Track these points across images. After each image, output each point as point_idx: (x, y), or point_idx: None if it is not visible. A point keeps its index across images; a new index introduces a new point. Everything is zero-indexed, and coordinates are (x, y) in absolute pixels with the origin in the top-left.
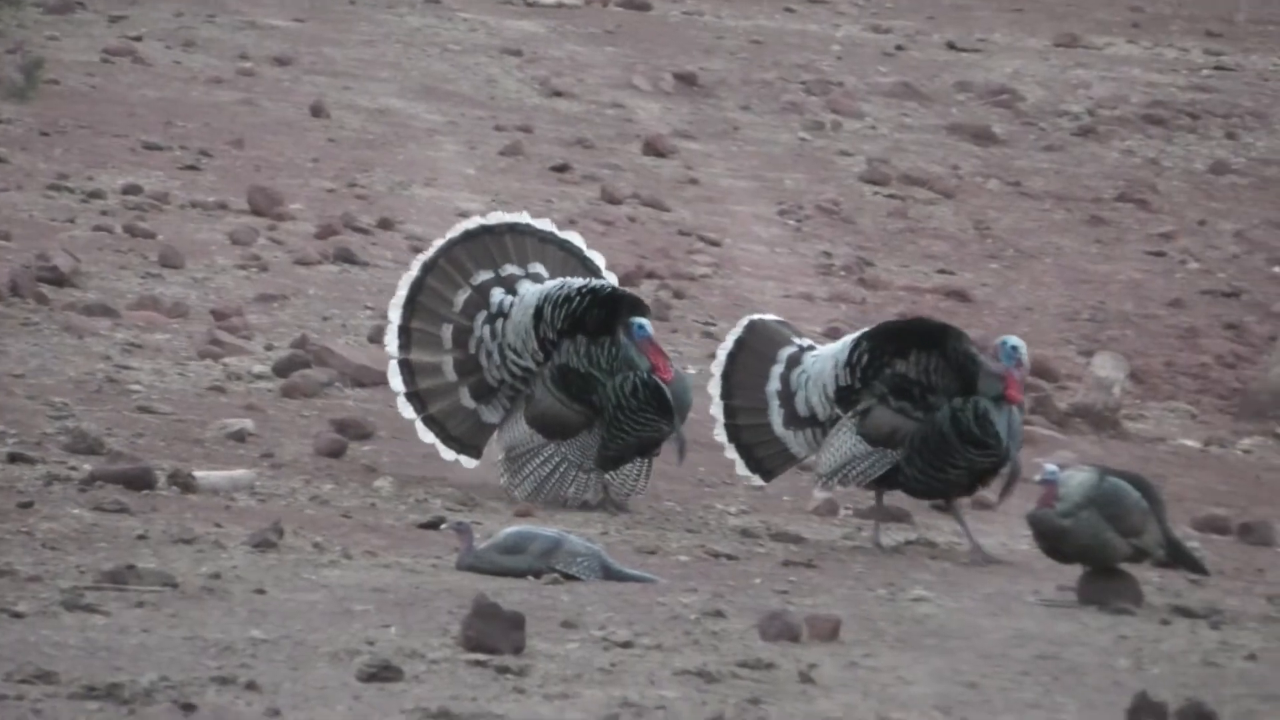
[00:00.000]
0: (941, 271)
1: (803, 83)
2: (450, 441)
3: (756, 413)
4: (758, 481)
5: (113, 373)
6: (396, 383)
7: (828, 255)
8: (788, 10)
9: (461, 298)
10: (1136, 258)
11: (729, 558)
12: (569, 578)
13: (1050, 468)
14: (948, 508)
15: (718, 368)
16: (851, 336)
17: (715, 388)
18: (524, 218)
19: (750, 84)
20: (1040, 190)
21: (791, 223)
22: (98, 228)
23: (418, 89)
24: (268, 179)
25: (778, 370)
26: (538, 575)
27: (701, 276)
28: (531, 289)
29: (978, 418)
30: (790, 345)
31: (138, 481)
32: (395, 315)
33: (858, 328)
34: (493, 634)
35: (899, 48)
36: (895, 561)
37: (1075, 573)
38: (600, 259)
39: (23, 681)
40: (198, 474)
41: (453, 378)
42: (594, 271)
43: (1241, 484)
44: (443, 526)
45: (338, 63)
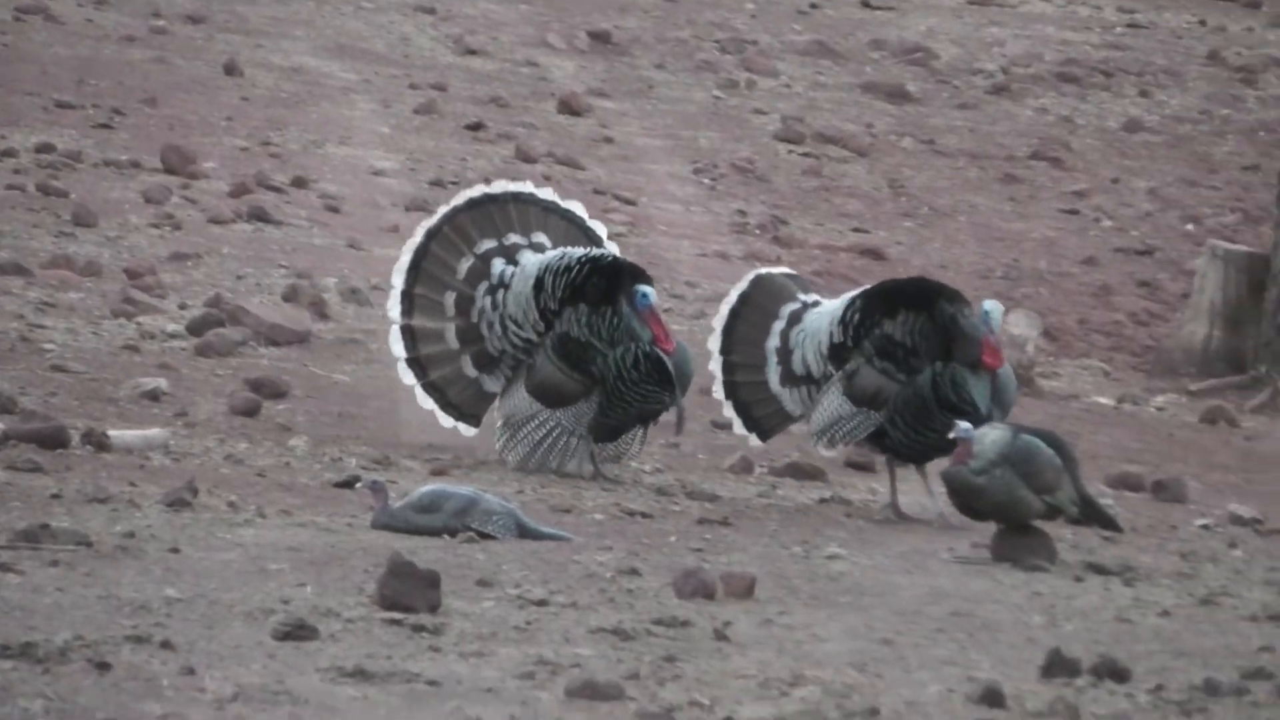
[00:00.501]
0: (856, 230)
1: (717, 41)
2: (449, 408)
3: (754, 369)
4: (755, 442)
5: (26, 331)
6: (398, 348)
7: (742, 214)
8: None
9: (465, 265)
10: (1050, 215)
11: (644, 516)
12: (484, 536)
13: (964, 425)
14: (920, 471)
15: (719, 322)
16: (851, 293)
17: (715, 343)
18: (528, 187)
19: (665, 42)
20: (954, 148)
21: (706, 181)
22: (10, 186)
23: (331, 47)
24: (181, 137)
25: (779, 327)
26: (453, 534)
27: (616, 235)
28: (532, 259)
29: (953, 383)
30: (794, 302)
31: (51, 440)
32: (398, 280)
33: None
34: (408, 592)
35: (813, 5)
36: (810, 519)
37: (989, 530)
38: (602, 229)
39: None
40: (112, 433)
41: (455, 345)
42: (596, 241)
43: (1154, 441)
44: (358, 485)
45: (251, 21)
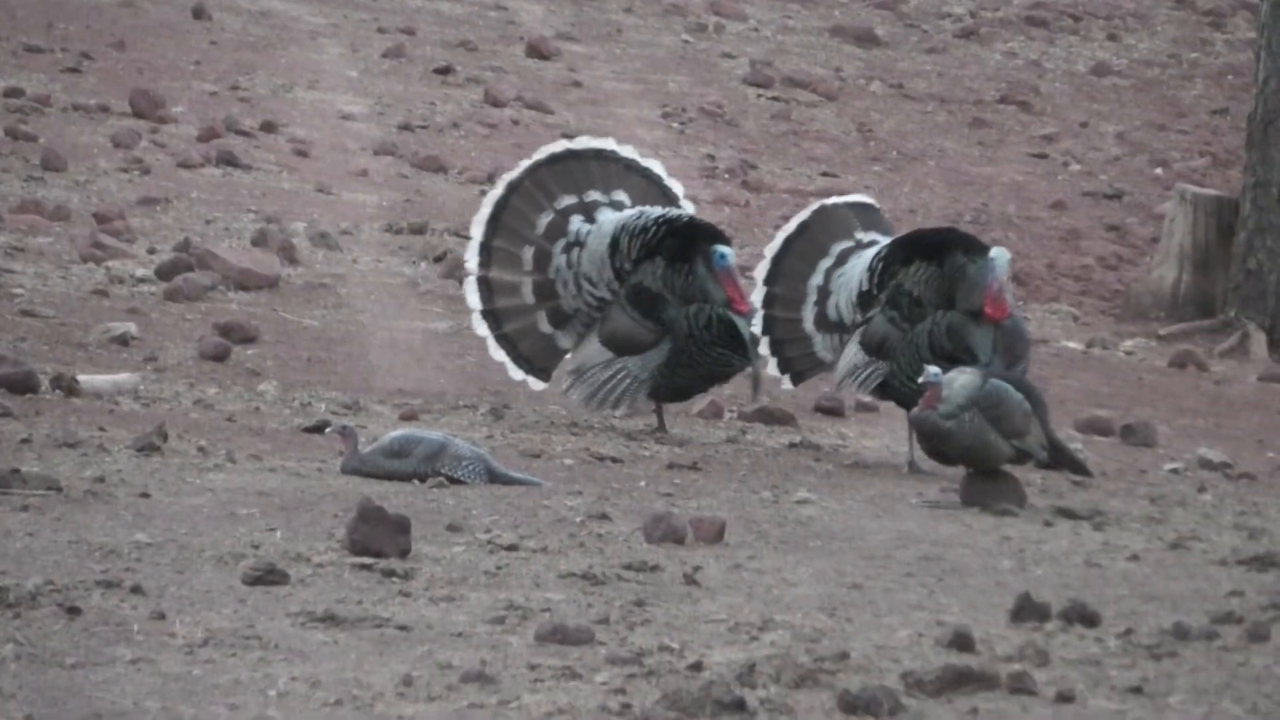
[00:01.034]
0: (825, 174)
1: None
2: (520, 361)
3: (794, 305)
4: (787, 385)
5: None
6: (474, 299)
7: (711, 158)
8: None
9: (545, 220)
10: (1019, 160)
11: (614, 461)
12: (454, 481)
13: (933, 370)
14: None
15: (770, 250)
16: (886, 240)
17: (761, 271)
18: (609, 144)
19: None
20: (923, 92)
21: (675, 126)
22: None
23: None
24: (149, 82)
25: (825, 265)
26: (423, 479)
27: None
28: (609, 218)
29: (949, 332)
30: (848, 239)
31: (21, 385)
32: (477, 232)
33: (741, 230)
34: (378, 537)
35: None
36: (779, 464)
37: (958, 474)
38: (679, 187)
39: None
40: (81, 378)
41: (531, 300)
42: (673, 200)
43: (1123, 385)
44: (327, 430)
45: None
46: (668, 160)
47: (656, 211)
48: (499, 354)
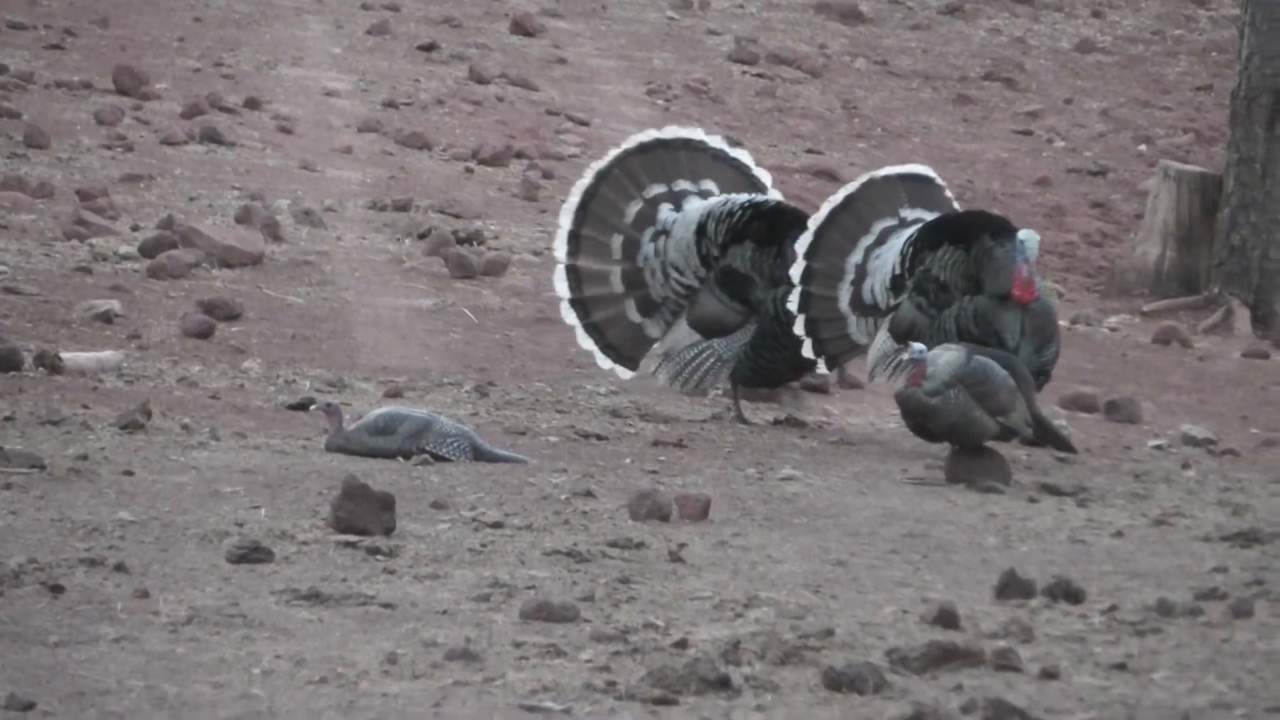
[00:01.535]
0: (810, 151)
1: None
2: (608, 350)
3: (831, 282)
4: (822, 369)
5: None
6: (562, 288)
7: None
8: None
9: (634, 209)
10: (1003, 136)
11: (599, 438)
12: (439, 459)
13: (918, 346)
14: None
15: (814, 223)
16: (920, 224)
17: (802, 245)
18: (698, 133)
19: None
20: (907, 69)
21: (660, 102)
22: None
23: None
24: (133, 58)
25: (866, 243)
26: (407, 456)
27: (570, 157)
28: (694, 205)
29: (976, 317)
30: (892, 217)
31: (4, 362)
32: (566, 220)
33: None
34: (363, 515)
35: None
36: (764, 441)
37: (943, 451)
38: (767, 176)
39: None
40: (65, 355)
41: (619, 289)
42: (760, 190)
43: (1108, 362)
44: (312, 407)
45: None
46: None
47: (743, 197)
48: (587, 343)
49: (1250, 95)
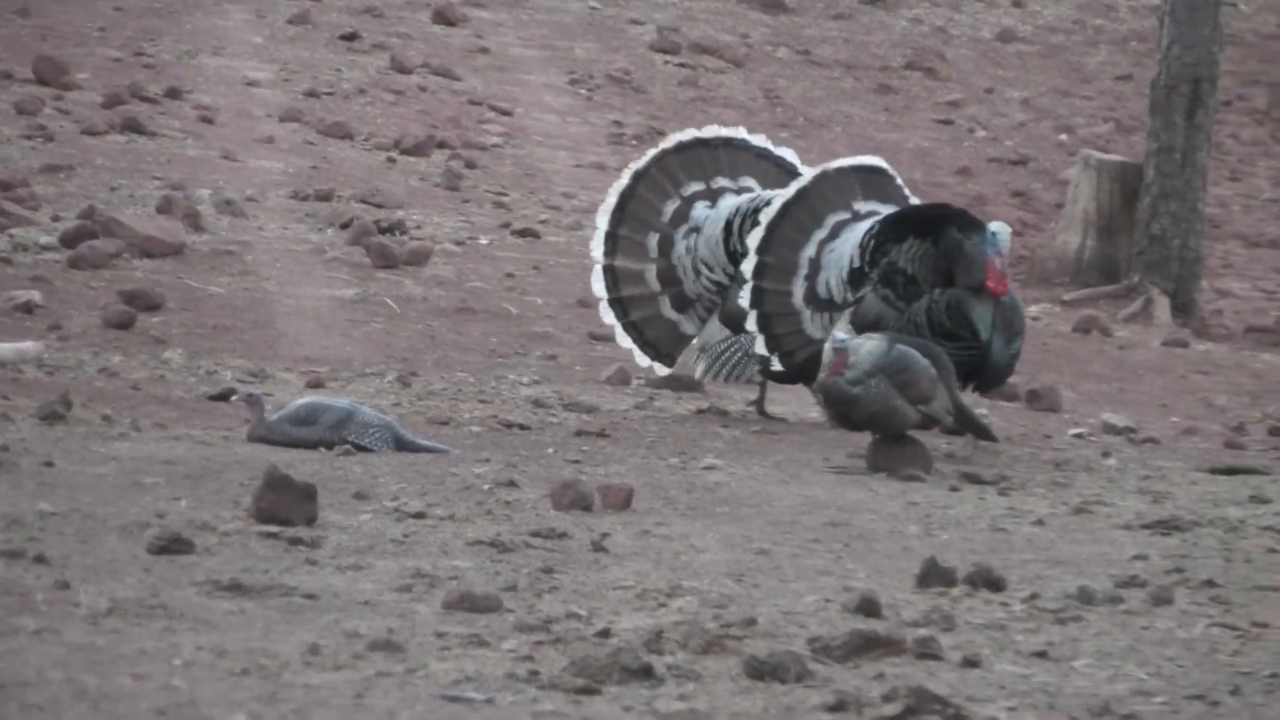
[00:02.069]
0: None
1: None
2: (646, 347)
3: (785, 277)
4: (776, 365)
5: None
6: (599, 288)
7: (619, 125)
8: None
9: (671, 208)
10: (925, 126)
11: (521, 428)
12: (361, 449)
13: (840, 335)
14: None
15: (766, 216)
16: (878, 216)
17: (754, 239)
18: (740, 133)
19: None
20: (829, 59)
21: (583, 92)
22: None
23: None
24: (54, 48)
25: (819, 236)
26: (330, 447)
27: (493, 146)
28: (725, 202)
29: (949, 309)
30: (844, 211)
31: None
32: (603, 221)
33: None
34: (284, 506)
35: None
36: (687, 431)
37: (865, 440)
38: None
39: None
40: None
41: (655, 287)
42: None
43: (1029, 351)
44: (233, 398)
45: None
46: (575, 127)
47: (770, 193)
48: (625, 341)
49: (1170, 84)
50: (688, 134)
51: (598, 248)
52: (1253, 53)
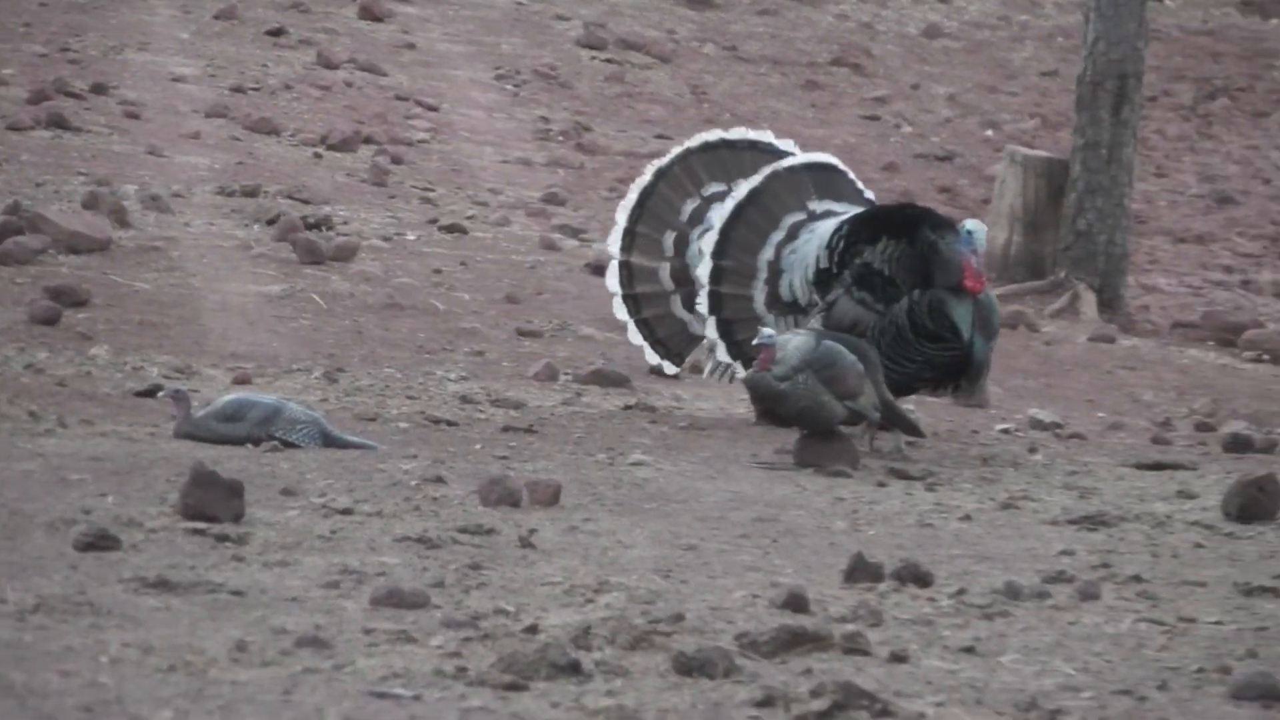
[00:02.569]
0: (659, 136)
1: None
2: (657, 345)
3: (744, 280)
4: (741, 372)
5: None
6: (613, 283)
7: (545, 120)
8: None
9: (690, 206)
10: (851, 122)
11: (449, 424)
12: (288, 445)
13: (767, 331)
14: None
15: (719, 219)
16: (842, 217)
17: (708, 244)
18: (767, 136)
19: None
20: (756, 54)
21: (509, 88)
22: None
23: None
24: None
25: (776, 238)
26: (257, 443)
27: (419, 142)
28: (731, 203)
29: (931, 309)
30: (799, 211)
31: None
32: (622, 218)
33: (575, 193)
34: (211, 502)
35: None
36: (615, 426)
37: (793, 435)
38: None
39: None
40: None
41: (669, 286)
42: None
43: None
44: (160, 394)
45: None
46: (501, 122)
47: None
48: (636, 338)
49: (1096, 80)
50: (714, 134)
51: (614, 243)
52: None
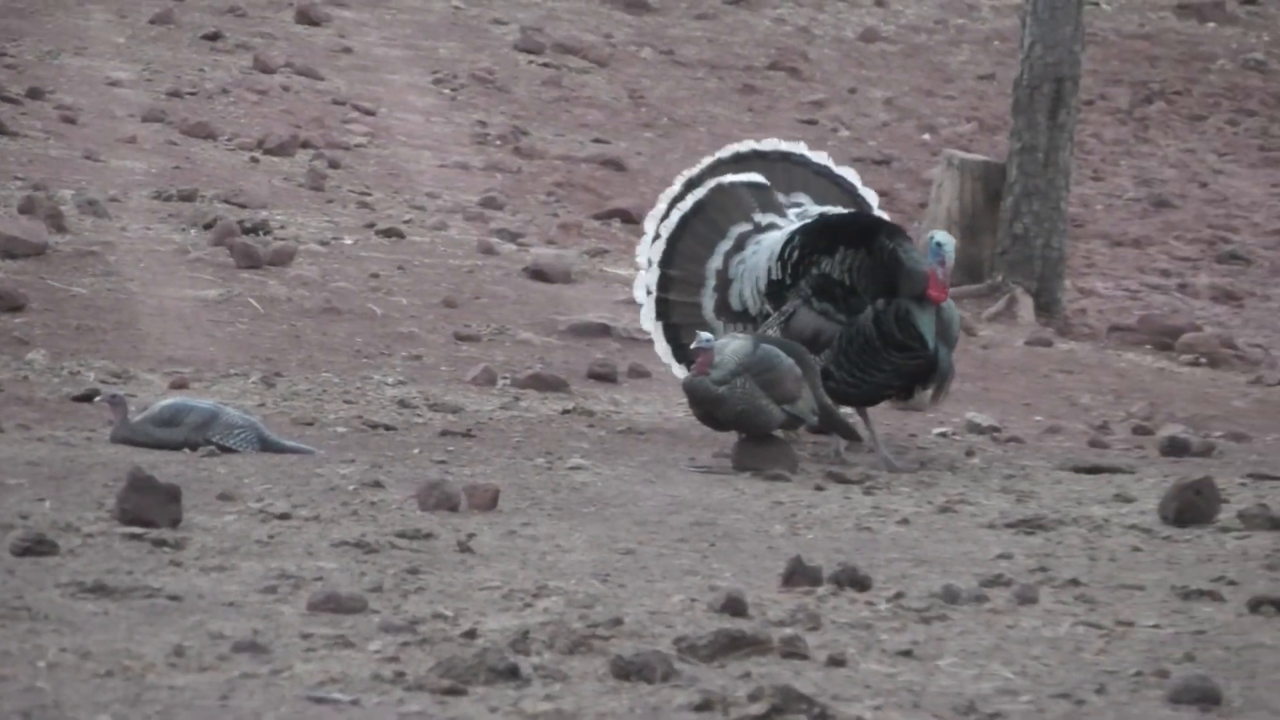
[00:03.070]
0: (597, 140)
1: None
2: (679, 350)
3: (692, 289)
4: (680, 373)
5: None
6: (640, 294)
7: (483, 124)
8: None
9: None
10: (789, 126)
11: (387, 428)
12: (226, 450)
13: (705, 335)
14: (863, 415)
15: (666, 229)
16: (790, 228)
17: (656, 253)
18: (800, 147)
19: None
20: (693, 59)
21: (446, 92)
22: None
23: None
24: None
25: (724, 248)
26: (194, 447)
27: (357, 146)
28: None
29: (899, 319)
30: (745, 223)
31: None
32: (651, 226)
33: (513, 197)
34: (148, 507)
35: None
36: (553, 431)
37: (731, 440)
38: (874, 197)
39: None
40: None
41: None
42: (863, 208)
43: None
44: (97, 399)
45: None
46: (439, 126)
47: (817, 208)
48: (661, 344)
49: (1032, 84)
50: (745, 145)
51: (644, 253)
52: (1115, 52)
